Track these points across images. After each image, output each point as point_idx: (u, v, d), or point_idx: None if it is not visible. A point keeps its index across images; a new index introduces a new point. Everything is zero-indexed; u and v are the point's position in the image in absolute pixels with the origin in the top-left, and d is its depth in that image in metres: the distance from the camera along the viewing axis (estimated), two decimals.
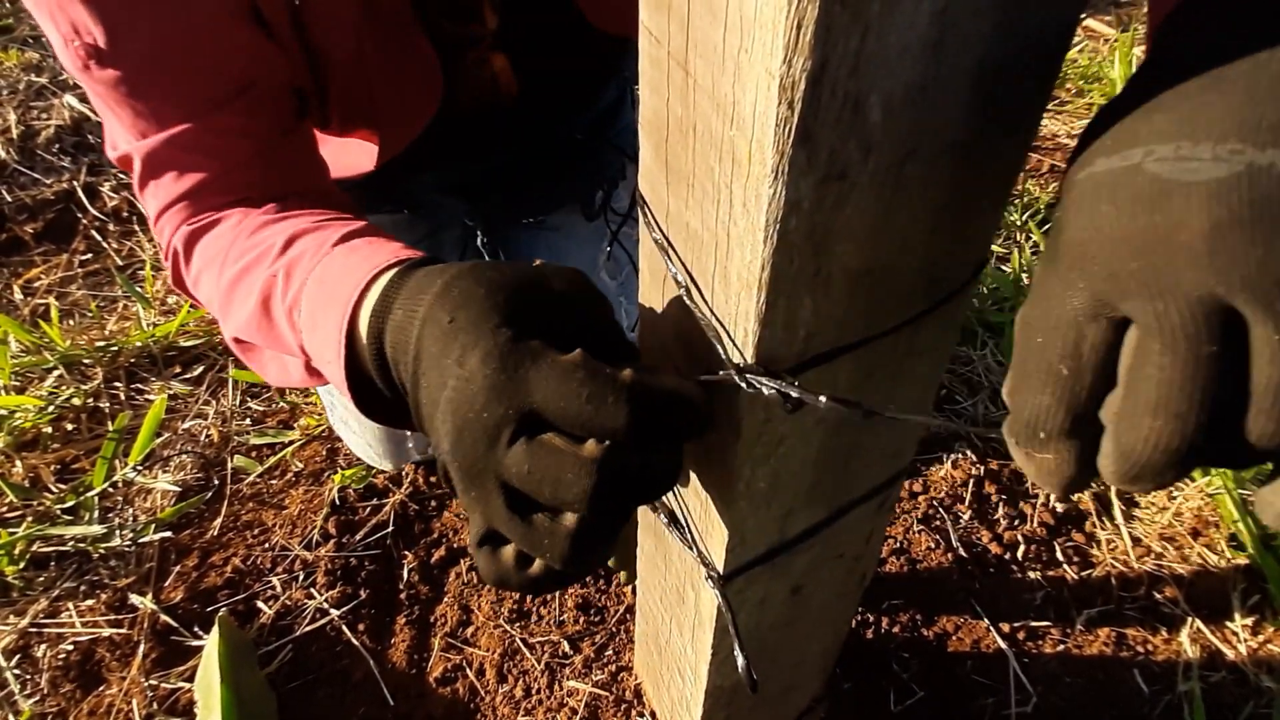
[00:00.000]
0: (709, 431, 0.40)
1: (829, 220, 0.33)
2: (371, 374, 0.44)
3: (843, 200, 0.33)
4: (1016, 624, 0.95)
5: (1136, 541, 1.03)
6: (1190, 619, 0.95)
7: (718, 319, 0.40)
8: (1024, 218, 1.53)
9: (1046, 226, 1.57)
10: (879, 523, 0.59)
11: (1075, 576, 1.00)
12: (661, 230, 0.44)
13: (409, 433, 1.08)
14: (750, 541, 0.49)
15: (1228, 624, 0.95)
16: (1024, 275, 1.40)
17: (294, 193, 0.64)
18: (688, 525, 0.53)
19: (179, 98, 0.58)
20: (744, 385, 0.36)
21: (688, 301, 0.42)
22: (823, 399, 0.34)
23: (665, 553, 0.61)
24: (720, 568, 0.50)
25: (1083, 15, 0.33)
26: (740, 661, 0.45)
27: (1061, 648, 0.93)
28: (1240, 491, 1.02)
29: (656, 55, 0.37)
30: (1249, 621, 0.94)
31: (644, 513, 0.64)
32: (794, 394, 0.35)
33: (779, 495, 0.47)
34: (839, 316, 0.37)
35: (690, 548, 0.52)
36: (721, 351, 0.39)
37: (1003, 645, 0.93)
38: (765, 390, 0.36)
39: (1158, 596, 0.98)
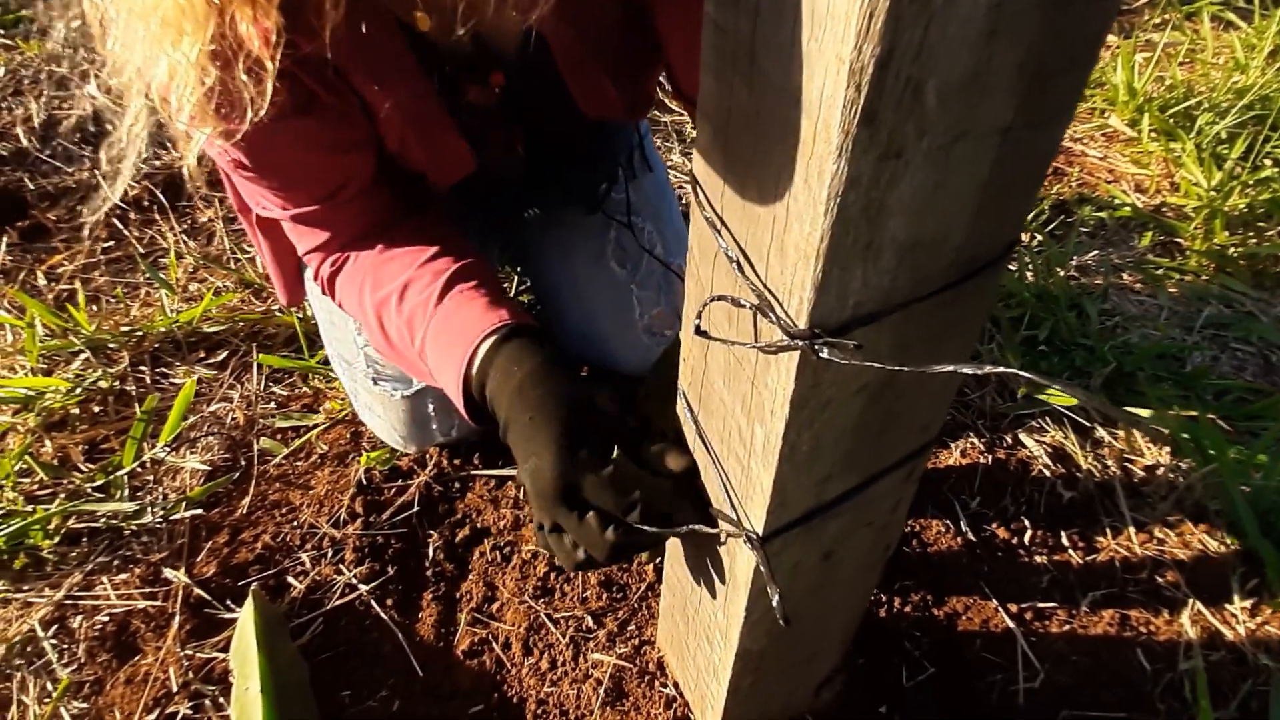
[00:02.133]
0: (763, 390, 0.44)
1: (883, 196, 0.36)
2: (479, 404, 0.72)
3: (897, 177, 0.36)
4: (1024, 605, 0.99)
5: (1139, 527, 1.07)
6: (1191, 601, 0.99)
7: (769, 290, 0.43)
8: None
9: (1050, 227, 1.61)
10: (906, 493, 0.62)
11: (1080, 560, 1.03)
12: (714, 209, 0.47)
13: (433, 416, 1.11)
14: (790, 504, 0.52)
15: (1227, 606, 0.98)
16: (1027, 272, 1.44)
17: (394, 221, 0.87)
18: (728, 490, 0.56)
19: (305, 193, 0.81)
20: (809, 349, 0.40)
21: (739, 274, 0.45)
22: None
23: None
24: (760, 529, 0.53)
25: None
26: (775, 599, 0.49)
27: (1067, 628, 0.97)
28: (1240, 482, 1.05)
29: (721, 46, 0.40)
30: (1247, 604, 0.98)
31: None
32: (855, 357, 0.38)
33: (819, 460, 0.50)
34: (885, 286, 0.41)
35: (732, 511, 0.55)
36: (774, 319, 0.42)
37: (1011, 625, 0.97)
38: (825, 353, 0.39)
39: (1159, 580, 1.01)
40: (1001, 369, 0.39)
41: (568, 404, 0.62)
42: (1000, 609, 0.98)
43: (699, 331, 0.50)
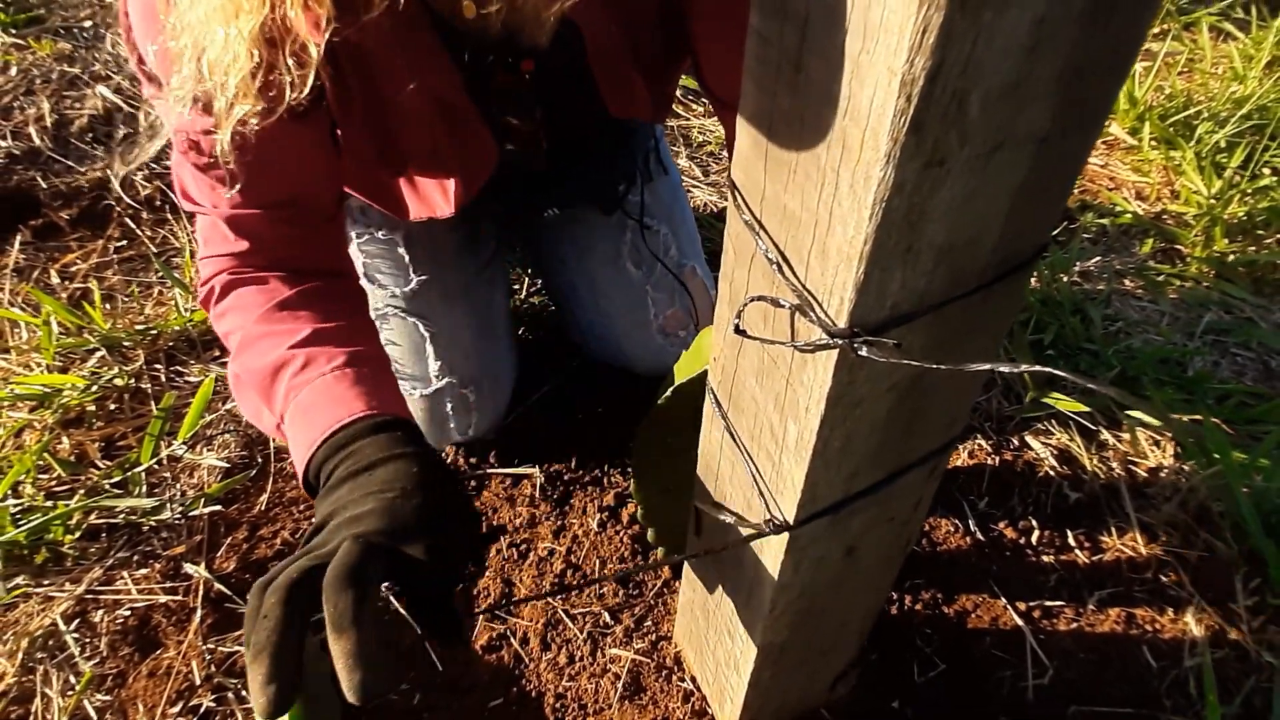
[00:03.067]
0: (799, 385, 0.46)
1: (925, 201, 0.38)
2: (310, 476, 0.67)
3: (938, 184, 0.38)
4: (1032, 603, 1.01)
5: (1144, 529, 1.09)
6: (1195, 600, 1.01)
7: (809, 290, 0.45)
8: None
9: (1053, 233, 1.63)
10: (928, 490, 0.64)
11: (1086, 560, 1.05)
12: (753, 212, 0.49)
13: (450, 416, 1.12)
14: (819, 498, 0.54)
15: (1231, 605, 1.00)
16: (1032, 277, 1.46)
17: (319, 272, 0.80)
18: (759, 486, 0.58)
19: (248, 197, 0.75)
20: (849, 348, 0.41)
21: (779, 275, 0.47)
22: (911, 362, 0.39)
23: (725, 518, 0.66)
24: (791, 521, 0.55)
25: None
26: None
27: (1075, 626, 0.99)
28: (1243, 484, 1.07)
29: (766, 55, 0.42)
30: (1251, 603, 1.00)
31: (700, 480, 0.69)
32: (893, 355, 0.40)
33: (849, 456, 0.52)
34: (922, 287, 0.42)
35: (762, 506, 0.57)
36: (814, 318, 0.44)
37: (1019, 623, 0.98)
38: (864, 351, 0.41)
39: (1164, 579, 1.03)
40: (1035, 367, 0.41)
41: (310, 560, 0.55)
42: (1009, 607, 1.00)
43: (738, 330, 0.52)
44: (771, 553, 0.60)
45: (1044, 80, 0.35)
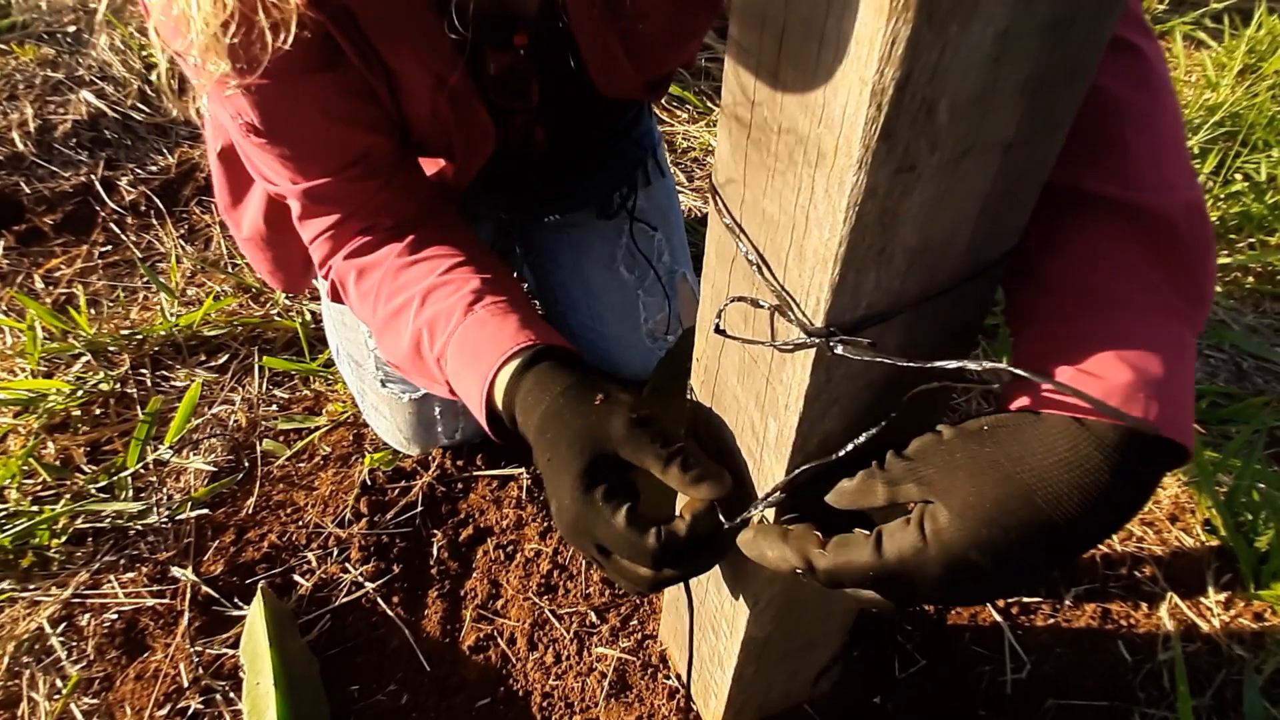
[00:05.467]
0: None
1: (897, 205, 0.40)
2: (504, 422, 0.68)
3: (910, 188, 0.39)
4: (1010, 599, 1.03)
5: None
6: (1169, 595, 1.03)
7: (787, 292, 0.46)
8: None
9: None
10: None
11: None
12: (733, 216, 0.50)
13: (438, 419, 1.13)
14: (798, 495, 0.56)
15: (1202, 600, 1.03)
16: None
17: (418, 218, 0.83)
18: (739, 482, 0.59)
19: (317, 164, 0.77)
20: (826, 347, 0.43)
21: (759, 277, 0.48)
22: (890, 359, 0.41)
23: None
24: (771, 517, 0.56)
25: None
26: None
27: (1052, 621, 1.01)
28: (1215, 484, 1.10)
29: (745, 63, 0.44)
30: (1222, 598, 1.02)
31: None
32: (868, 354, 0.41)
33: (826, 453, 0.54)
34: (896, 287, 0.44)
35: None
36: (792, 318, 0.45)
37: (998, 619, 1.00)
38: (840, 349, 0.42)
39: (1138, 575, 1.06)
40: (997, 365, 0.43)
41: (582, 448, 0.58)
42: (988, 603, 1.02)
43: (718, 330, 0.53)
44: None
45: (1009, 89, 0.37)
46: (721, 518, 0.57)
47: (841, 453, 0.50)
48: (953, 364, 0.42)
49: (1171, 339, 0.45)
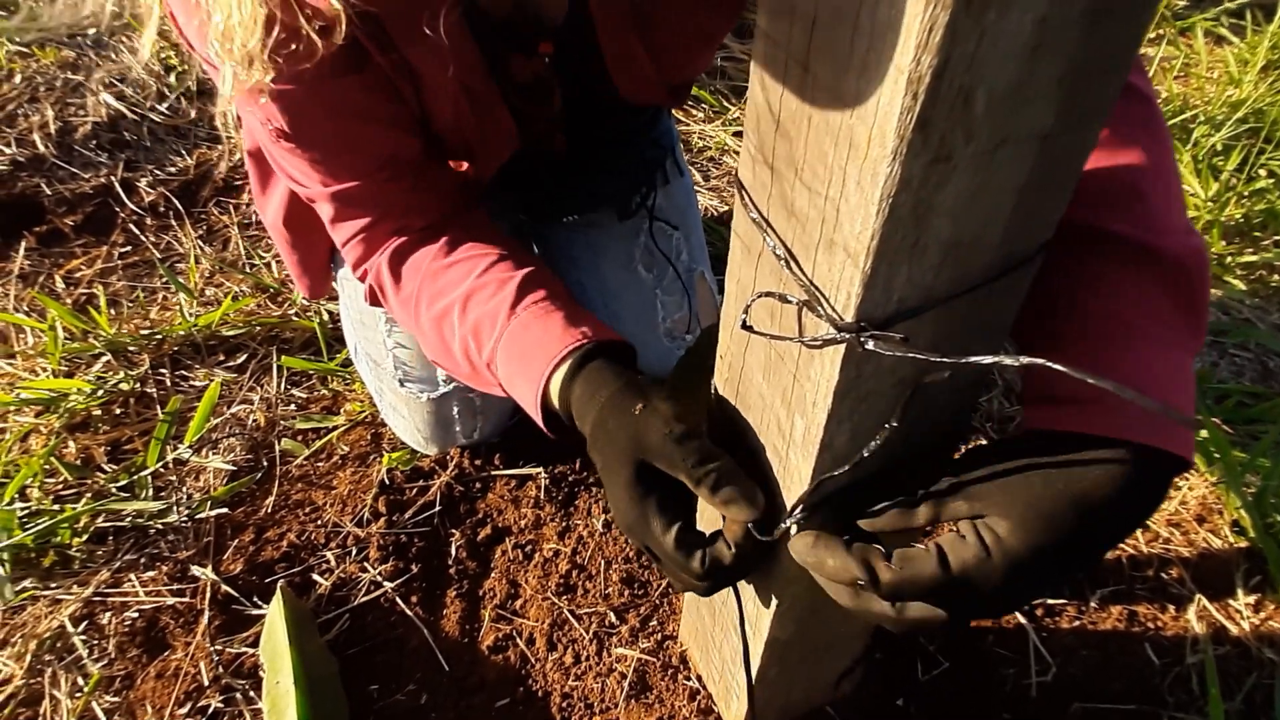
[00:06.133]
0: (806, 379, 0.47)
1: (931, 197, 0.39)
2: (559, 418, 0.70)
3: (945, 180, 0.38)
4: (1035, 601, 1.01)
5: (1145, 527, 1.10)
6: (1196, 597, 1.01)
7: (816, 287, 0.46)
8: None
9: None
10: None
11: None
12: (760, 210, 0.50)
13: (456, 419, 1.13)
14: (825, 493, 0.55)
15: (1231, 602, 1.01)
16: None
17: (447, 218, 0.84)
18: (766, 480, 0.58)
19: (347, 167, 0.78)
20: (856, 342, 0.42)
21: (786, 271, 0.48)
22: (922, 355, 0.40)
23: None
24: (798, 516, 0.55)
25: None
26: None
27: (1077, 623, 0.99)
28: (1244, 484, 1.08)
29: (773, 55, 0.43)
30: (1251, 600, 1.01)
31: None
32: (900, 349, 0.41)
33: (855, 451, 0.53)
34: (928, 282, 0.43)
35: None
36: (822, 313, 0.45)
37: (1022, 621, 0.99)
38: (871, 344, 0.42)
39: (1166, 577, 1.04)
40: (1034, 359, 0.42)
41: (627, 459, 0.59)
42: (1025, 607, 1.00)
43: (745, 327, 0.52)
44: (776, 548, 0.61)
45: (1047, 79, 0.36)
46: (755, 533, 0.57)
47: (866, 452, 0.50)
48: (987, 359, 0.41)
49: (1183, 367, 0.51)
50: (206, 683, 0.95)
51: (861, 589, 0.53)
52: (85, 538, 1.11)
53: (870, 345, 0.42)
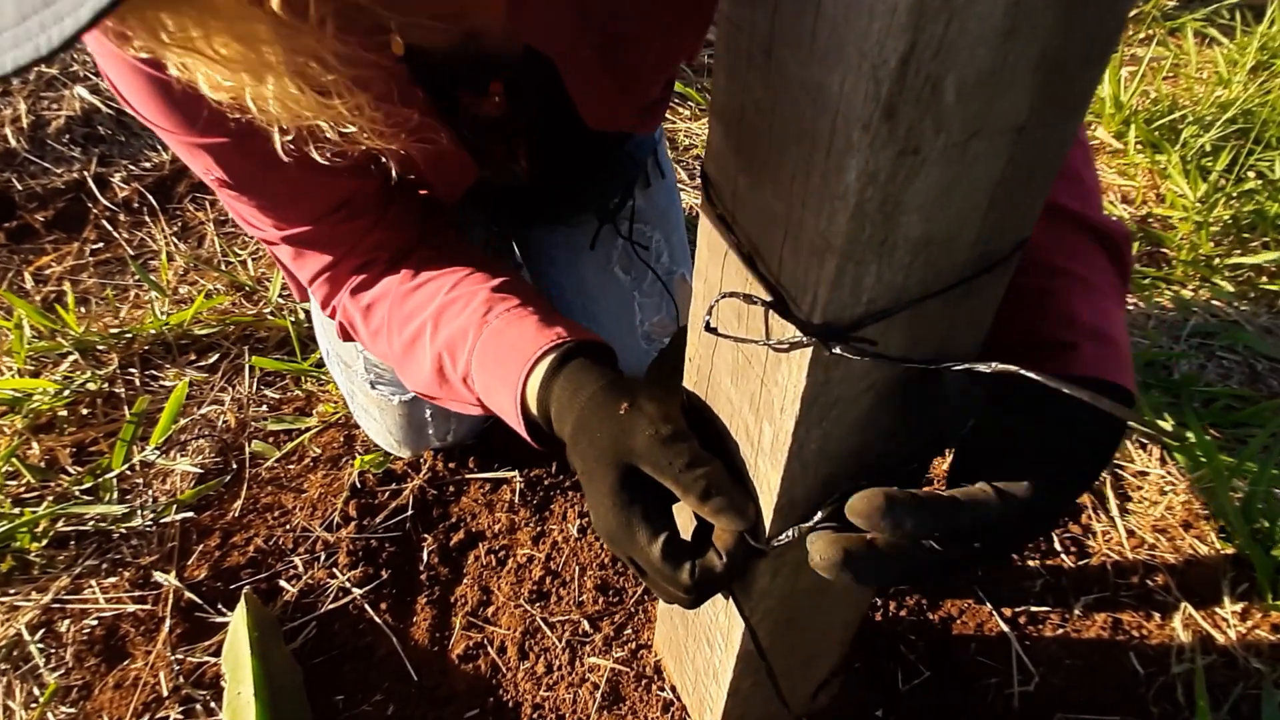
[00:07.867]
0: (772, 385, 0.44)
1: (900, 192, 0.37)
2: (540, 425, 0.65)
3: (914, 174, 0.36)
4: (1018, 609, 0.99)
5: (1130, 533, 1.08)
6: (1182, 605, 1.00)
7: (782, 286, 0.43)
8: None
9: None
10: None
11: (1072, 565, 1.04)
12: (725, 206, 0.47)
13: (429, 421, 1.10)
14: (796, 503, 0.52)
15: (1218, 610, 0.99)
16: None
17: (413, 245, 0.80)
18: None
19: (298, 213, 0.74)
20: (823, 346, 0.40)
21: (751, 271, 0.45)
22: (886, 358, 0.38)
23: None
24: (766, 526, 0.53)
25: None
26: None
27: (1060, 631, 0.97)
28: (1229, 489, 1.07)
29: (736, 41, 0.40)
30: (1238, 608, 0.99)
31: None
32: (869, 352, 0.38)
33: (826, 459, 0.50)
34: (899, 282, 0.41)
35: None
36: (787, 315, 0.42)
37: (1005, 629, 0.97)
38: (839, 348, 0.39)
39: (1151, 584, 1.02)
40: (1006, 366, 0.39)
41: (611, 462, 0.55)
42: (994, 613, 0.99)
43: (709, 329, 0.50)
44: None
45: (1021, 66, 0.34)
46: (750, 540, 0.54)
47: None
48: (960, 365, 0.39)
49: (1122, 321, 0.58)
50: (166, 693, 0.92)
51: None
52: (45, 542, 1.08)
53: (838, 349, 0.40)
